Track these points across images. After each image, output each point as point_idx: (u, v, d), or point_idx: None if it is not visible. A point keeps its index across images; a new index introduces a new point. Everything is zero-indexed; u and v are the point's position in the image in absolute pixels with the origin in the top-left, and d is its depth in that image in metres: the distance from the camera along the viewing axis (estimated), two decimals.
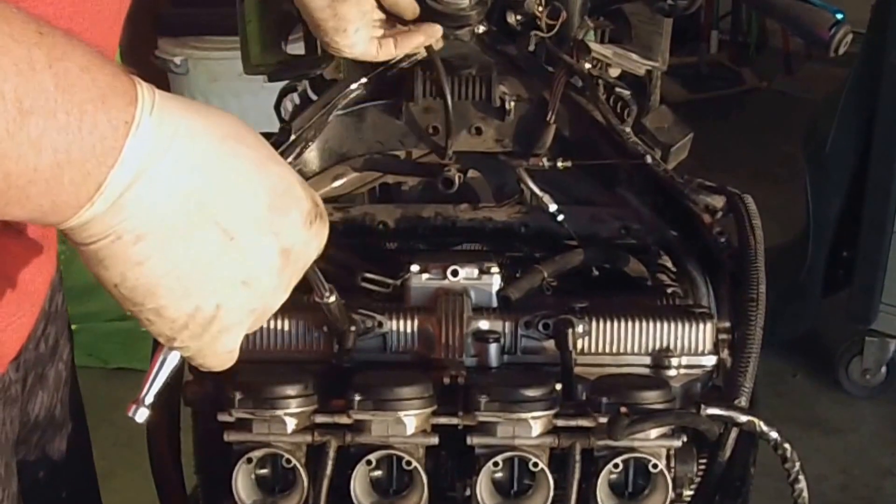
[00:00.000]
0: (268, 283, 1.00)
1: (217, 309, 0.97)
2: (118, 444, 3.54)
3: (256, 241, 0.97)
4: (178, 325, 0.97)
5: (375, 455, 1.31)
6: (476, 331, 1.44)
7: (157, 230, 0.91)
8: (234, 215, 0.95)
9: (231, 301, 0.98)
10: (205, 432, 1.48)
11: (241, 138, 0.96)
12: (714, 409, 1.31)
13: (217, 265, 0.95)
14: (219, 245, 0.94)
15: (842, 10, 1.53)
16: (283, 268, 1.00)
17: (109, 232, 0.90)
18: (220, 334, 1.00)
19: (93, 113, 0.86)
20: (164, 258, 0.92)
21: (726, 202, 1.57)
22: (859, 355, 4.04)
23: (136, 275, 0.93)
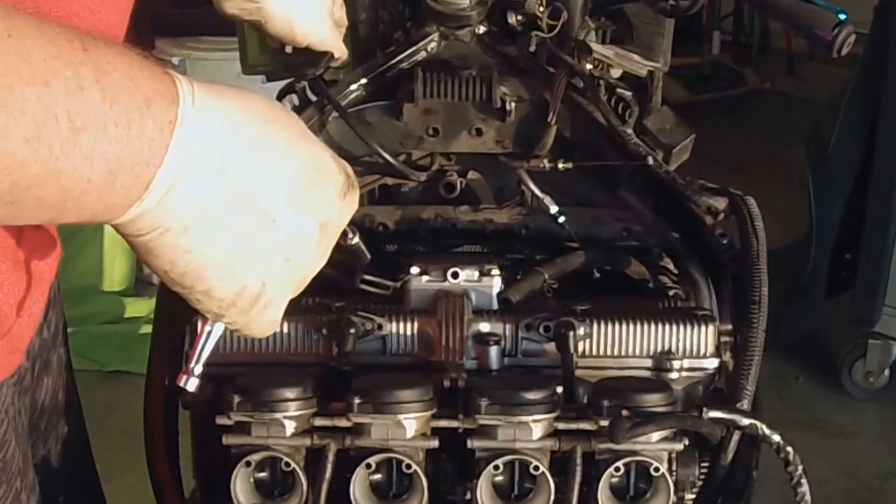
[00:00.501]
0: (308, 256, 1.04)
1: (263, 286, 1.02)
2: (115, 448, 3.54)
3: (295, 220, 1.01)
4: (225, 303, 1.02)
5: (375, 458, 1.31)
6: (476, 333, 1.44)
7: (202, 219, 0.96)
8: (273, 197, 0.99)
9: (275, 277, 1.03)
10: (203, 435, 1.49)
11: (274, 120, 1.00)
12: (716, 412, 1.31)
13: (260, 246, 1.00)
14: (261, 227, 0.99)
15: (845, 10, 1.53)
16: (320, 240, 1.05)
17: (158, 225, 0.95)
18: (265, 308, 1.04)
19: (139, 119, 0.90)
20: (211, 244, 0.97)
21: (728, 204, 1.57)
22: (862, 358, 4.04)
23: (185, 262, 0.98)
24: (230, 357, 1.45)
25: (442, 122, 1.65)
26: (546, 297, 1.54)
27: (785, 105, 6.72)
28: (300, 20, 1.56)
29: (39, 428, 1.43)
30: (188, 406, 1.48)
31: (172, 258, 0.97)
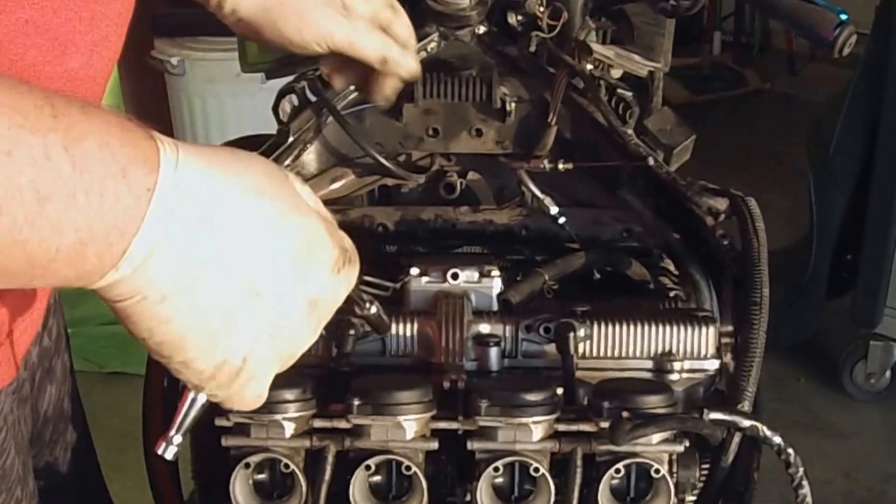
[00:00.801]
0: (295, 331, 1.00)
1: (244, 361, 0.98)
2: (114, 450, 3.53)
3: (282, 295, 0.97)
4: (205, 375, 0.98)
5: (375, 460, 1.31)
6: (476, 334, 1.44)
7: (181, 289, 0.92)
8: (257, 271, 0.95)
9: (258, 353, 0.99)
10: (202, 437, 1.48)
11: (262, 190, 0.96)
12: (717, 413, 1.31)
13: (242, 320, 0.96)
14: (243, 301, 0.95)
15: (846, 10, 1.53)
16: (309, 315, 1.00)
17: (135, 293, 0.92)
18: (247, 383, 1.00)
19: (113, 188, 0.87)
20: (190, 315, 0.94)
21: (729, 205, 1.57)
22: (863, 359, 4.04)
23: (163, 331, 0.94)
24: None
25: (442, 123, 1.65)
26: (546, 299, 1.54)
27: (786, 105, 6.72)
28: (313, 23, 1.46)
29: (44, 437, 1.43)
30: None
31: (150, 326, 0.94)
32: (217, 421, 1.33)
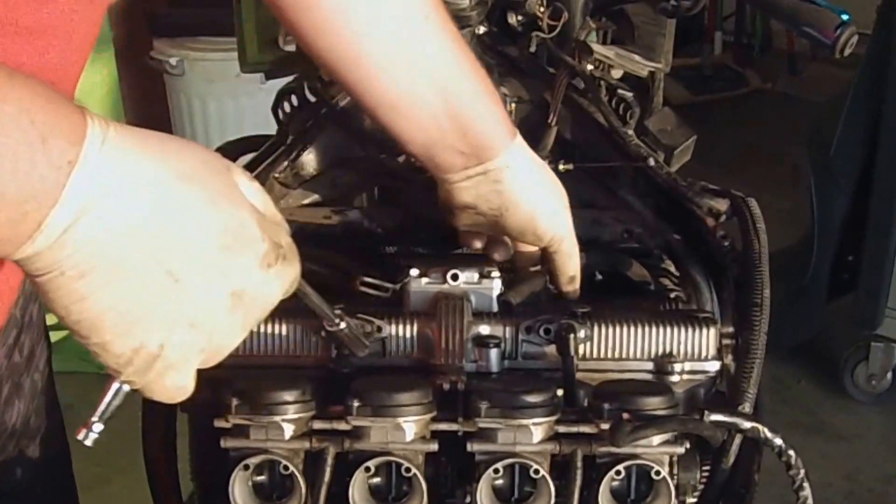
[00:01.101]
0: (217, 324, 1.00)
1: (161, 348, 0.98)
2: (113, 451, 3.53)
3: (203, 284, 0.97)
4: (122, 360, 0.98)
5: (374, 462, 1.31)
6: (476, 336, 1.44)
7: (100, 268, 0.92)
8: (179, 257, 0.95)
9: (176, 341, 0.98)
10: (201, 438, 1.49)
11: (194, 177, 0.96)
12: (717, 415, 1.31)
13: (161, 305, 0.96)
14: (163, 286, 0.95)
15: (847, 10, 1.53)
16: (233, 309, 1.00)
17: (53, 267, 0.92)
18: (165, 371, 1.00)
19: (30, 155, 0.87)
20: (107, 295, 0.94)
21: (730, 205, 1.57)
22: (865, 361, 4.04)
23: (79, 309, 0.94)
24: (228, 360, 1.45)
25: None
26: (546, 300, 1.54)
27: (787, 106, 6.72)
28: (542, 215, 1.48)
29: (7, 449, 1.42)
30: (186, 409, 1.48)
31: (67, 304, 0.94)
32: (216, 422, 1.33)
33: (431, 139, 1.42)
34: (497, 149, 1.43)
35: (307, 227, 1.63)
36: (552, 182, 1.49)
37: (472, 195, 1.47)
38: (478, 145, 1.42)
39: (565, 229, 1.49)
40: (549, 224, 1.48)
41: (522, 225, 1.47)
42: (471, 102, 1.41)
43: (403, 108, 1.40)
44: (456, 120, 1.40)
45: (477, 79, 1.41)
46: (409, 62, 1.38)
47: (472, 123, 1.41)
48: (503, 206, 1.46)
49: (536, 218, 1.47)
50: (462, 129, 1.41)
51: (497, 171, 1.44)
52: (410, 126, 1.41)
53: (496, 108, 1.43)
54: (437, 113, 1.40)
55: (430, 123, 1.40)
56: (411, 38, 1.37)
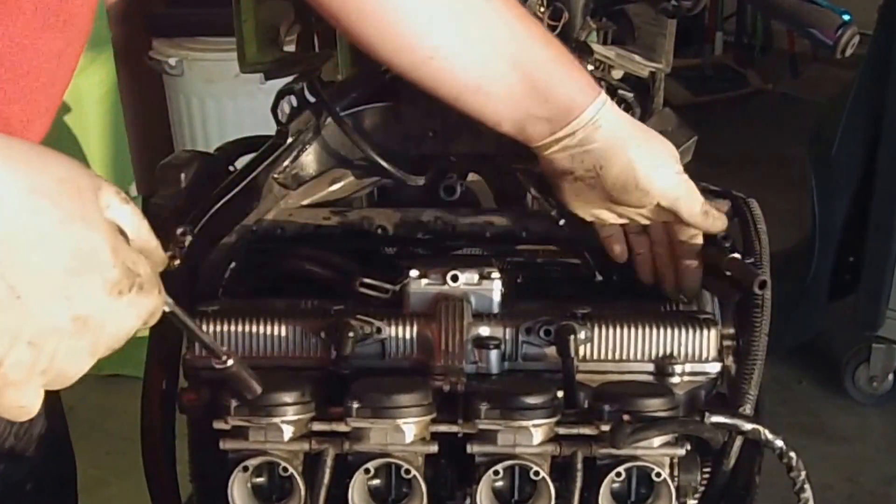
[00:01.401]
0: (59, 346, 0.98)
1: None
2: (112, 453, 3.54)
3: (44, 304, 0.95)
4: None
5: (374, 463, 1.31)
6: (476, 337, 1.44)
7: None
8: (22, 273, 0.93)
9: (14, 358, 0.96)
10: (200, 440, 1.49)
11: (49, 194, 0.94)
12: (718, 416, 1.31)
13: (1, 320, 0.93)
14: (3, 301, 0.93)
15: (848, 11, 1.53)
16: (77, 333, 0.98)
17: None
18: (4, 388, 0.97)
19: None
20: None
21: (731, 206, 1.57)
22: (866, 362, 4.03)
23: None
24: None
25: (441, 124, 1.65)
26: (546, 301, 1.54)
27: (788, 106, 6.72)
28: (641, 167, 1.46)
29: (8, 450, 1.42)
30: (185, 410, 1.48)
31: None
32: (215, 424, 1.33)
33: (518, 113, 1.45)
34: (580, 108, 1.44)
35: (307, 227, 1.63)
36: (652, 137, 1.48)
37: (567, 159, 1.47)
38: (561, 108, 1.44)
39: (673, 180, 1.47)
40: (651, 176, 1.45)
41: (623, 181, 1.45)
42: (546, 68, 1.43)
43: (483, 89, 1.43)
44: (535, 88, 1.43)
45: (549, 46, 1.45)
46: (479, 47, 1.42)
47: (552, 88, 1.43)
48: (597, 163, 1.45)
49: (635, 169, 1.45)
50: (543, 96, 1.43)
51: (584, 130, 1.44)
52: (496, 107, 1.45)
53: (573, 71, 1.46)
54: (515, 86, 1.43)
55: (512, 99, 1.44)
56: (479, 23, 1.42)
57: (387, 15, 1.38)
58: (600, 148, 1.45)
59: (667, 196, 1.46)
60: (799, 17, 1.55)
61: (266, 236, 1.63)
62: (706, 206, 1.49)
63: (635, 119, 1.53)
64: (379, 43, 1.41)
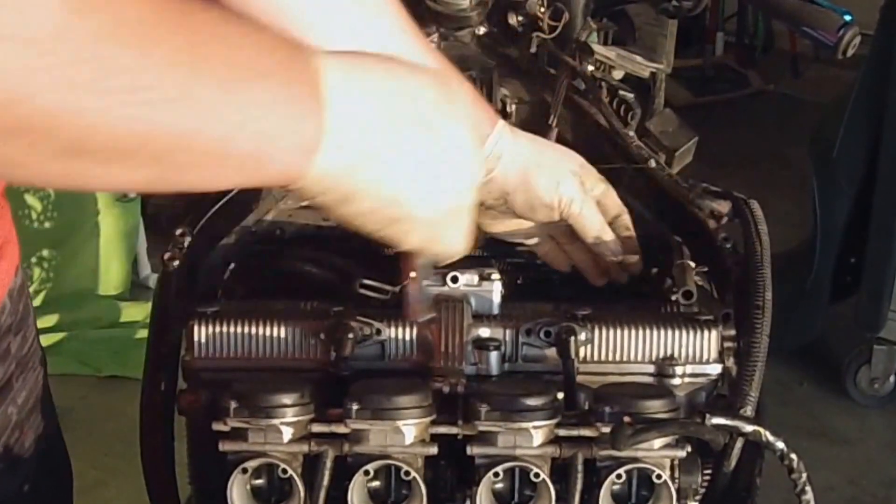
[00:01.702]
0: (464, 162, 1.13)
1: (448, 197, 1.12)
2: (111, 454, 3.54)
3: (445, 124, 1.09)
4: (424, 223, 1.12)
5: (373, 465, 1.31)
6: (476, 338, 1.44)
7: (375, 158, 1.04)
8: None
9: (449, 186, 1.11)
10: (199, 442, 1.49)
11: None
12: (719, 418, 1.31)
13: (424, 161, 1.07)
14: (422, 136, 1.07)
15: (850, 11, 1.53)
16: (474, 146, 1.14)
17: (339, 182, 1.02)
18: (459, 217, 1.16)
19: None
20: (388, 180, 1.06)
21: (732, 207, 1.57)
22: (867, 364, 4.04)
23: (369, 206, 1.06)
24: (227, 363, 1.45)
25: None
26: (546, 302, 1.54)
27: (789, 107, 6.72)
28: (540, 188, 1.52)
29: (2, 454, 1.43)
30: (184, 412, 1.48)
31: (371, 206, 1.06)
32: (214, 425, 1.33)
33: None
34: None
35: (306, 228, 1.63)
36: (546, 152, 1.53)
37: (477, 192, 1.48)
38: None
39: (571, 194, 1.52)
40: (551, 195, 1.51)
41: (529, 202, 1.51)
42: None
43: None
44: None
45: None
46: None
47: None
48: (503, 191, 1.50)
49: (534, 191, 1.50)
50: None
51: (487, 162, 1.47)
52: None
53: (478, 102, 1.47)
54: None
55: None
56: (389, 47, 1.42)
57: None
58: (503, 176, 1.49)
59: (565, 212, 1.53)
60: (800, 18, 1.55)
61: (265, 237, 1.63)
62: (598, 231, 1.55)
63: (529, 134, 1.55)
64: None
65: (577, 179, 1.53)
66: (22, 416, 1.43)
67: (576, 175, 1.53)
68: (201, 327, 1.45)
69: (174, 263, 1.54)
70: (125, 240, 4.60)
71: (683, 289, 1.50)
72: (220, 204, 1.60)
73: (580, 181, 1.53)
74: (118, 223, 4.55)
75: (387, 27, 1.40)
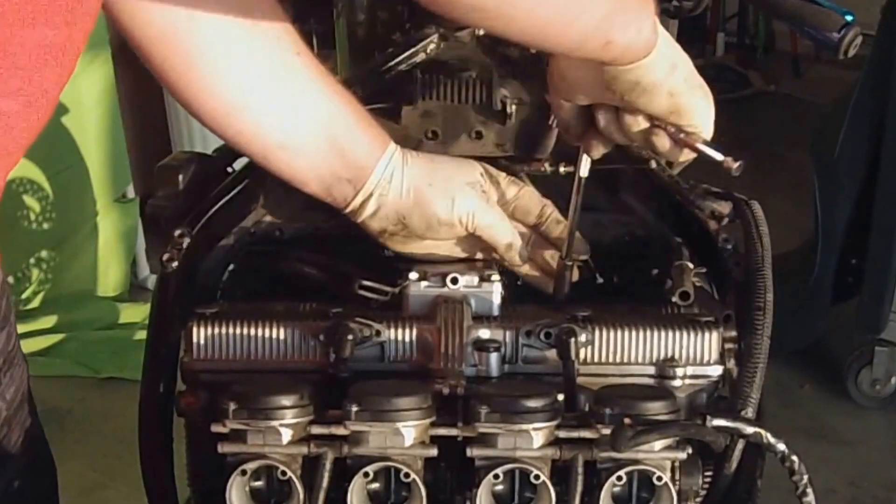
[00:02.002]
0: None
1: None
2: (109, 456, 3.54)
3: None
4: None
5: (373, 467, 1.31)
6: (476, 340, 1.44)
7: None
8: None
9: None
10: (198, 443, 1.49)
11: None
12: (720, 420, 1.31)
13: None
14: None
15: (851, 11, 1.53)
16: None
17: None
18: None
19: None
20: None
21: (733, 208, 1.57)
22: (869, 365, 4.03)
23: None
24: (226, 364, 1.45)
25: (441, 125, 1.65)
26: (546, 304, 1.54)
27: (790, 108, 6.72)
28: (438, 208, 1.52)
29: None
30: (183, 413, 1.48)
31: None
32: (213, 427, 1.33)
33: (322, 171, 1.49)
34: (370, 166, 1.49)
35: (306, 229, 1.63)
36: (440, 168, 1.54)
37: (375, 221, 1.52)
38: (358, 166, 1.49)
39: (468, 207, 1.52)
40: (447, 212, 1.51)
41: (425, 223, 1.51)
42: (347, 126, 1.48)
43: (292, 146, 1.47)
44: (337, 146, 1.47)
45: (350, 103, 1.49)
46: (290, 101, 1.46)
47: (350, 145, 1.48)
48: (399, 215, 1.51)
49: (430, 210, 1.51)
50: (343, 154, 1.48)
51: (380, 186, 1.49)
52: (302, 164, 1.48)
53: (368, 127, 1.50)
54: (320, 144, 1.47)
55: (318, 156, 1.48)
56: (287, 76, 1.46)
57: (203, 67, 1.42)
58: (396, 199, 1.50)
59: (470, 227, 1.52)
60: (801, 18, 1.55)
61: (264, 238, 1.63)
62: (508, 239, 1.54)
63: (429, 154, 1.56)
64: (197, 95, 1.44)
65: (478, 190, 1.53)
66: (10, 413, 1.43)
67: (474, 185, 1.53)
68: (200, 329, 1.45)
69: (173, 264, 1.54)
70: (124, 241, 4.60)
71: (680, 290, 1.50)
72: (219, 204, 1.60)
73: (481, 191, 1.53)
74: (117, 224, 4.55)
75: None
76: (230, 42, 1.42)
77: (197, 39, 1.41)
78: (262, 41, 1.43)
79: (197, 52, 1.41)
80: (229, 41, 1.42)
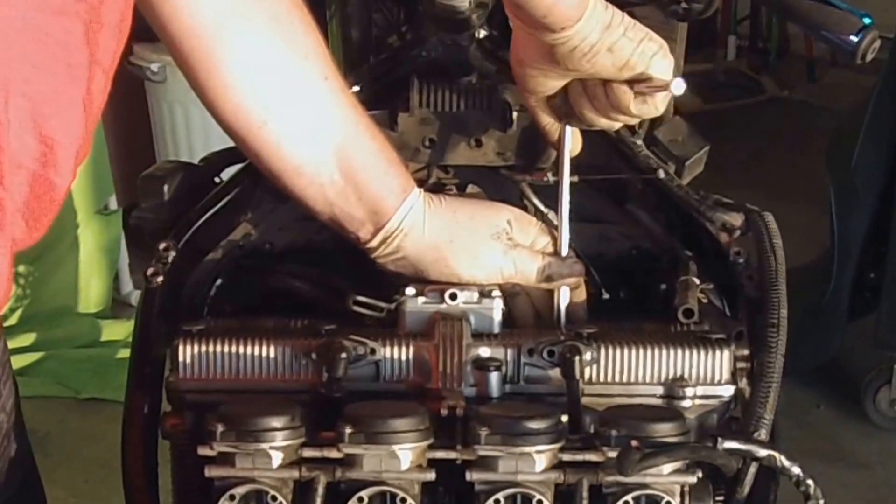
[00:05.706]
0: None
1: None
2: (91, 481, 3.54)
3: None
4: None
5: (368, 492, 1.31)
6: (476, 358, 1.44)
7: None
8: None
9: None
10: (184, 467, 1.48)
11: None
12: (732, 442, 1.31)
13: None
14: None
15: (869, 13, 1.54)
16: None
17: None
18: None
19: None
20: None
21: (745, 220, 1.57)
22: (887, 384, 4.03)
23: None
24: (213, 384, 1.45)
25: (439, 133, 1.65)
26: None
27: (805, 114, 6.73)
28: (456, 263, 1.52)
29: None
30: (168, 436, 1.48)
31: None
32: (200, 450, 1.33)
33: (337, 204, 1.48)
34: (388, 211, 1.49)
35: (297, 242, 1.64)
36: (463, 222, 1.52)
37: (391, 264, 1.52)
38: (371, 208, 1.48)
39: (492, 265, 1.52)
40: (470, 272, 1.51)
41: (445, 277, 1.51)
42: (366, 161, 1.48)
43: (307, 173, 1.47)
44: (351, 180, 1.47)
45: (374, 138, 1.50)
46: (312, 125, 1.47)
47: (367, 183, 1.48)
48: (417, 269, 1.51)
49: (451, 269, 1.51)
50: (356, 189, 1.48)
51: (394, 236, 1.49)
52: (315, 194, 1.48)
53: (391, 167, 1.50)
54: (335, 175, 1.47)
55: (332, 187, 1.48)
56: (313, 99, 1.46)
57: (232, 73, 1.44)
58: (415, 252, 1.51)
59: (495, 279, 1.52)
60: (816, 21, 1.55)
61: (254, 251, 1.63)
62: (547, 267, 1.54)
63: (454, 198, 1.57)
64: (221, 98, 1.45)
65: (503, 240, 1.53)
66: (10, 425, 1.43)
67: (500, 236, 1.53)
68: (186, 347, 1.45)
69: (158, 279, 1.54)
70: (106, 254, 4.59)
71: (684, 306, 1.50)
72: (206, 216, 1.60)
73: (507, 239, 1.53)
74: (98, 237, 4.55)
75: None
76: (260, 54, 1.44)
77: (228, 47, 1.42)
78: (291, 58, 1.45)
79: (226, 59, 1.43)
80: (259, 54, 1.44)
